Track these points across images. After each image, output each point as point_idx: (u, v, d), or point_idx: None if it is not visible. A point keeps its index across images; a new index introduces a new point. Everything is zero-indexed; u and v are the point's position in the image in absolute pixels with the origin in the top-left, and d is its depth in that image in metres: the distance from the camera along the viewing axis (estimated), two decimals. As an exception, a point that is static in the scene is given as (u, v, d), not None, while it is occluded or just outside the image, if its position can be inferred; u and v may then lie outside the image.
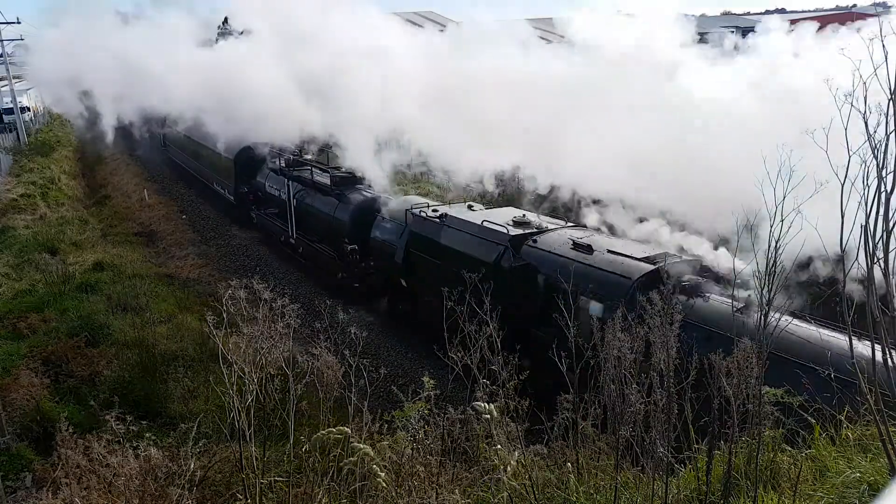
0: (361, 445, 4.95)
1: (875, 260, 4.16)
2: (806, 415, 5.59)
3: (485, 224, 13.58)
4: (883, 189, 4.13)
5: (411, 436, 5.74)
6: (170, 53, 22.09)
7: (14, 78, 41.30)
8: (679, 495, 4.88)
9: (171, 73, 21.76)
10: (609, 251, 11.78)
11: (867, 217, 4.17)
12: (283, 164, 22.56)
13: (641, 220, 12.79)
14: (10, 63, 40.84)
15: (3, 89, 45.58)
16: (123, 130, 31.41)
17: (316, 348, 5.88)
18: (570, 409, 5.49)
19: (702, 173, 10.79)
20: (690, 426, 5.27)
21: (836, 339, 8.08)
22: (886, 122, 4.10)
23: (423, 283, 15.15)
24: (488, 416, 5.00)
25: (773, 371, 5.00)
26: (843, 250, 4.27)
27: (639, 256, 11.37)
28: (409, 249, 15.60)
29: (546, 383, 6.34)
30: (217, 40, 25.46)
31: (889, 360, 4.27)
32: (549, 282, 11.87)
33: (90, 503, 5.71)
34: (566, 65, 14.52)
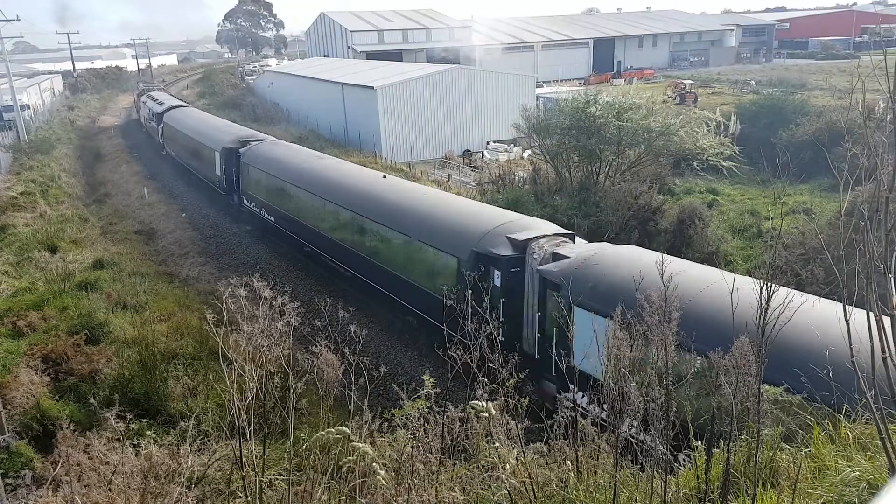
0: (361, 444, 4.95)
1: (875, 258, 4.16)
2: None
3: None
4: (883, 189, 4.13)
5: (411, 434, 5.74)
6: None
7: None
8: (678, 493, 4.89)
9: None
10: None
11: (867, 217, 4.17)
12: None
13: None
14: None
15: (2, 87, 45.50)
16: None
17: (316, 346, 5.88)
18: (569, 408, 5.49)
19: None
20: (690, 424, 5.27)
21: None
22: (886, 122, 4.10)
23: None
24: (486, 415, 4.99)
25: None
26: (843, 250, 4.28)
27: None
28: None
29: None
30: None
31: (889, 358, 4.27)
32: None
33: (90, 500, 5.72)
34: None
